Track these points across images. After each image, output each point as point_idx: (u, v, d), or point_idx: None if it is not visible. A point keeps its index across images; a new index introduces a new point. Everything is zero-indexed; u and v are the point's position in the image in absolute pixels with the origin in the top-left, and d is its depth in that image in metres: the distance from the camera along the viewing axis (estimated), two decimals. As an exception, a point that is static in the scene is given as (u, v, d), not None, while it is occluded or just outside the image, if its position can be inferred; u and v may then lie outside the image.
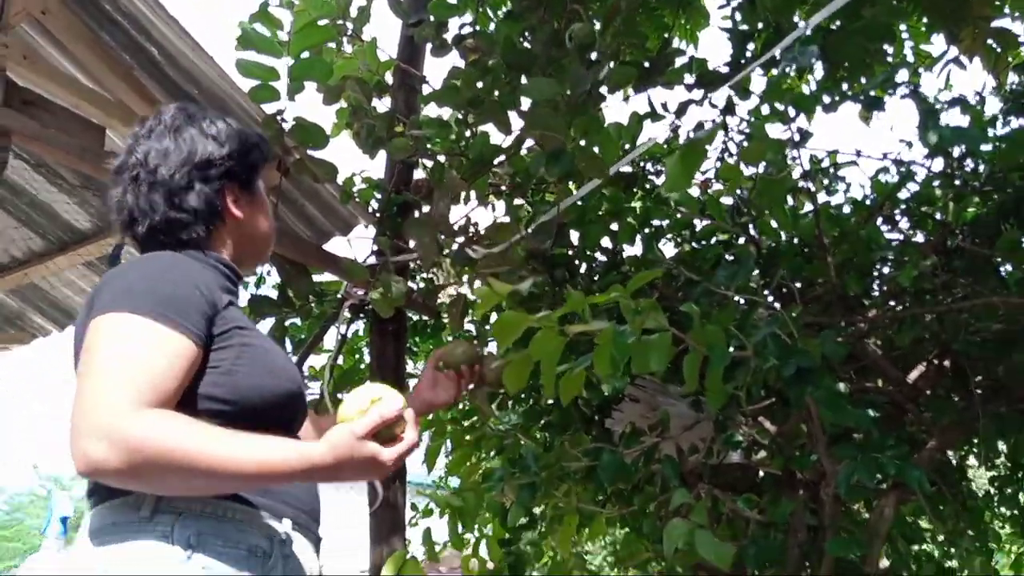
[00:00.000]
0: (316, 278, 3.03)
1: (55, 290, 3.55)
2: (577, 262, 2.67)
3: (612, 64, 2.35)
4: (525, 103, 2.46)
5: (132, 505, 1.10)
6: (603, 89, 2.40)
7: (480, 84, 2.44)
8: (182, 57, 2.52)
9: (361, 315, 3.20)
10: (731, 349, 1.53)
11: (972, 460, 3.16)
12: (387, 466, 1.07)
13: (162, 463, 0.99)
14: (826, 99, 1.82)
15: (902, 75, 1.84)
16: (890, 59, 2.99)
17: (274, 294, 2.92)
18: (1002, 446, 2.83)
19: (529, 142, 2.59)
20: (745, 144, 2.78)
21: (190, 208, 1.29)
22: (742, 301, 2.04)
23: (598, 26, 2.46)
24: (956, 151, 2.41)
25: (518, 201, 3.03)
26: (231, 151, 1.34)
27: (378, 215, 3.11)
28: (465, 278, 2.97)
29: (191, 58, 2.53)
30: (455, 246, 2.54)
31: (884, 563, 2.71)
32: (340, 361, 3.26)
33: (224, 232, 1.35)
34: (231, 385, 1.16)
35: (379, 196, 3.19)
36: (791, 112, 2.14)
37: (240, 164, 1.36)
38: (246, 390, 1.17)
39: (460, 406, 3.31)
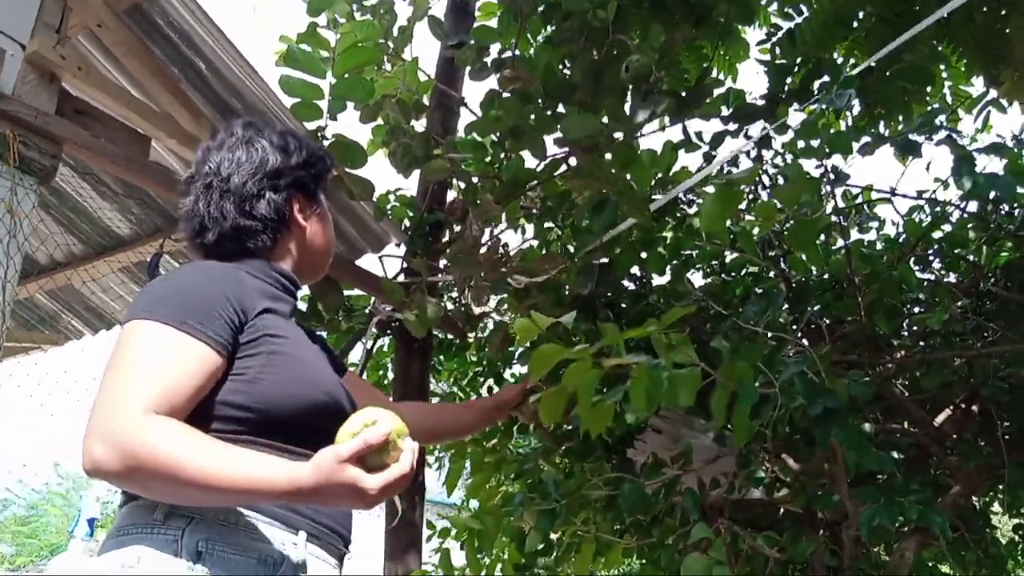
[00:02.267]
0: (346, 293, 3.07)
1: (92, 295, 3.62)
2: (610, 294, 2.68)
3: (666, 98, 2.38)
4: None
5: (148, 508, 1.13)
6: (638, 118, 2.43)
7: (523, 113, 2.47)
8: (228, 71, 2.59)
9: (388, 331, 3.24)
10: (757, 385, 1.53)
11: (997, 507, 3.11)
12: (370, 494, 1.03)
13: (153, 470, 1.01)
14: (862, 140, 1.82)
15: (939, 119, 1.84)
16: (928, 99, 2.99)
17: (304, 307, 2.97)
18: (1029, 494, 2.79)
19: (563, 167, 2.62)
20: (779, 178, 2.78)
21: (260, 216, 1.34)
22: (771, 336, 2.04)
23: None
24: (992, 194, 2.40)
25: (548, 225, 3.06)
26: (299, 161, 1.40)
27: (410, 233, 3.16)
28: (500, 306, 2.99)
29: (236, 72, 2.60)
30: (496, 276, 2.56)
31: (904, 607, 2.68)
32: (365, 376, 3.29)
33: (289, 241, 1.39)
34: (255, 393, 1.17)
35: (412, 214, 3.23)
36: (826, 149, 2.15)
37: (307, 174, 1.41)
38: (272, 398, 1.18)
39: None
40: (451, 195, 3.25)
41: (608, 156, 2.31)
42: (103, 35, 2.33)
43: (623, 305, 2.49)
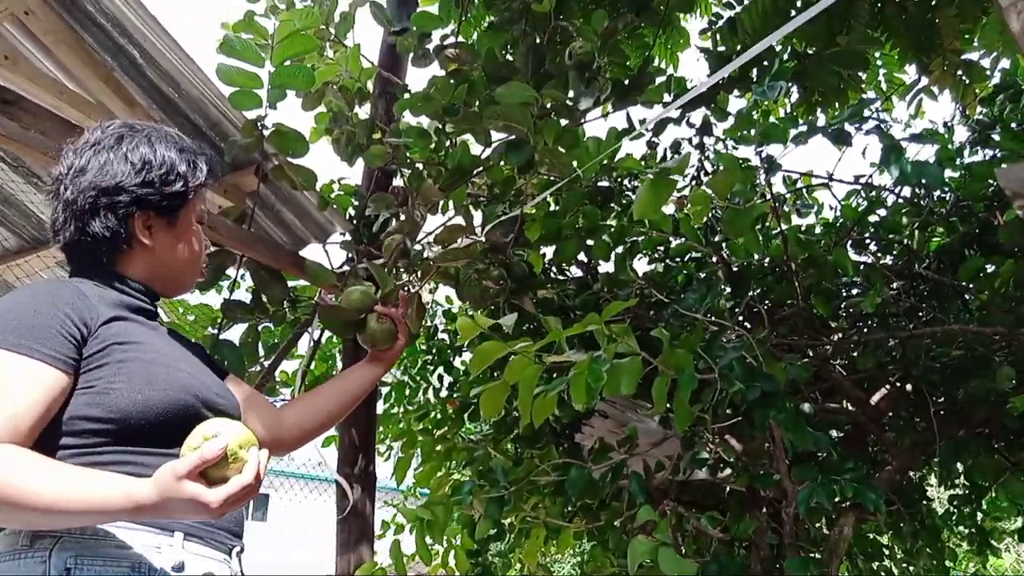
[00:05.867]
0: (290, 284, 3.03)
1: (28, 288, 3.51)
2: (550, 275, 2.70)
3: (609, 84, 2.39)
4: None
5: (14, 533, 1.12)
6: (581, 105, 2.44)
7: (455, 92, 2.46)
8: (162, 59, 2.51)
9: (335, 321, 3.21)
10: (698, 371, 1.56)
11: (933, 479, 3.23)
12: (213, 507, 1.02)
13: None
14: (796, 130, 1.86)
15: (871, 107, 1.89)
16: (864, 86, 3.06)
17: (248, 299, 2.92)
18: (961, 467, 2.90)
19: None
20: (720, 167, 2.83)
21: (91, 233, 1.29)
22: (711, 319, 2.08)
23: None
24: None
25: (497, 211, 3.06)
26: (147, 179, 1.32)
27: (355, 222, 3.13)
28: (418, 274, 2.98)
29: (172, 60, 2.53)
30: (417, 247, 2.55)
31: (844, 579, 2.77)
32: (312, 367, 3.27)
33: (136, 256, 1.35)
34: (108, 404, 1.16)
35: (356, 203, 3.20)
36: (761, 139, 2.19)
37: (158, 193, 1.33)
38: (125, 405, 1.16)
39: (432, 414, 3.33)
40: (397, 183, 3.23)
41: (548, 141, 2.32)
42: (31, 23, 2.25)
43: (567, 295, 2.51)
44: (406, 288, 2.20)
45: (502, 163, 2.41)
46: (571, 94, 2.44)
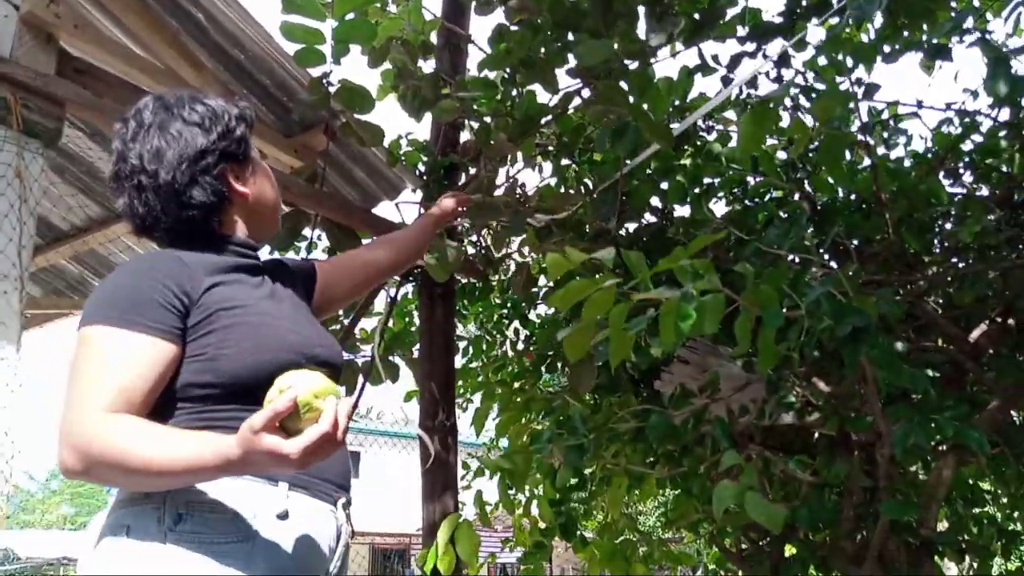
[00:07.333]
0: (364, 241, 3.04)
1: (113, 255, 3.64)
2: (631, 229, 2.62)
3: (682, 19, 2.29)
4: (572, 60, 2.42)
5: None
6: (652, 42, 2.34)
7: (532, 44, 2.39)
8: (227, 21, 2.53)
9: (410, 278, 3.22)
10: (784, 309, 1.49)
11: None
12: (293, 458, 1.04)
13: (106, 464, 1.08)
14: (886, 48, 1.73)
15: (969, 21, 1.75)
16: (954, 4, 2.85)
17: (323, 258, 2.95)
18: (1069, 406, 2.73)
19: (576, 100, 2.55)
20: (800, 97, 2.69)
21: (198, 203, 1.32)
22: (796, 260, 1.99)
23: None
24: (1024, 100, 2.30)
25: (565, 161, 3.00)
26: (220, 132, 1.35)
27: (425, 178, 3.11)
28: (521, 246, 2.96)
29: (236, 22, 2.54)
30: (516, 221, 2.52)
31: (943, 525, 2.66)
32: (391, 323, 3.29)
33: (234, 211, 1.38)
34: (218, 369, 1.19)
35: (426, 159, 3.19)
36: (849, 63, 2.06)
37: (231, 142, 1.37)
38: (235, 369, 1.19)
39: (508, 368, 3.32)
40: (464, 136, 3.19)
41: (623, 84, 2.23)
42: (98, -10, 2.29)
43: (644, 239, 2.44)
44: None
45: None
46: (641, 33, 2.35)
